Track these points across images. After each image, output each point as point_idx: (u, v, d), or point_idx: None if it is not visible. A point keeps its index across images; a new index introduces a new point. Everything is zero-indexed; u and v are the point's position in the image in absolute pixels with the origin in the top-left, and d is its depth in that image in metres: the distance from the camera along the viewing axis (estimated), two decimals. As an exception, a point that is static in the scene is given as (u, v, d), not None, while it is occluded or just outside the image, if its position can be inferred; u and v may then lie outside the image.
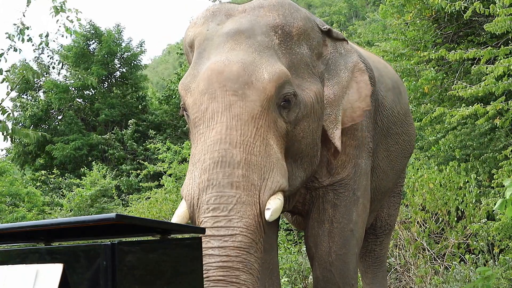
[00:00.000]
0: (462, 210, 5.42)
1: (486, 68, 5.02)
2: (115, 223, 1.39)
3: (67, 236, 1.73)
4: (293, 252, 5.73)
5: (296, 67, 2.49)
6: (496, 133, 6.56)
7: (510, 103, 5.16)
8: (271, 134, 2.32)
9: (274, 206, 2.18)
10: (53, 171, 13.06)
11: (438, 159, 7.11)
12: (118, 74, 16.97)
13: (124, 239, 1.77)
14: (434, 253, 5.22)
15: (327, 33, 2.70)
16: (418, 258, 5.19)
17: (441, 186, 5.51)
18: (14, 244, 1.84)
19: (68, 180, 12.48)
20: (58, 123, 15.91)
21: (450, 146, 6.88)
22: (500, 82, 4.97)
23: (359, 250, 2.97)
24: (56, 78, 15.91)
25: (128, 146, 14.84)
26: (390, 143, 3.34)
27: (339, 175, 2.79)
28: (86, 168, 12.22)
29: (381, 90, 3.19)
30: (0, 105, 4.64)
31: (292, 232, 6.93)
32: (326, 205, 2.79)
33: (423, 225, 5.39)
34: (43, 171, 13.60)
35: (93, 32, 16.42)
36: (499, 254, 5.16)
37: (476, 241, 5.23)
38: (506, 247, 5.07)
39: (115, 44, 16.41)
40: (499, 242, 5.08)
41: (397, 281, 5.31)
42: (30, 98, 16.00)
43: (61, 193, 12.29)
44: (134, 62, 16.93)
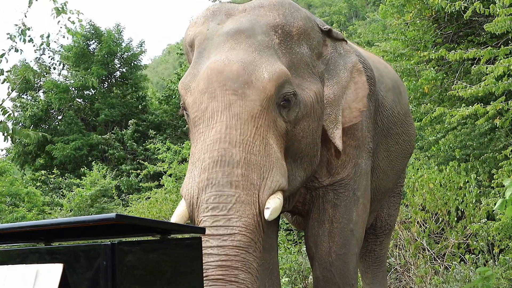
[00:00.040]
0: (462, 210, 5.42)
1: (486, 68, 5.02)
2: (115, 223, 1.38)
3: (67, 236, 1.73)
4: (293, 252, 5.73)
5: (296, 67, 2.49)
6: (496, 133, 6.56)
7: (510, 103, 5.16)
8: (271, 134, 2.31)
9: (274, 205, 2.17)
10: (53, 171, 13.06)
11: (438, 159, 7.11)
12: (118, 74, 16.97)
13: (124, 239, 1.77)
14: (434, 253, 5.22)
15: (327, 33, 2.70)
16: (418, 258, 5.19)
17: (441, 186, 5.51)
18: (14, 244, 1.84)
19: (68, 180, 12.48)
20: (58, 123, 15.91)
21: (450, 146, 6.88)
22: (500, 82, 4.97)
23: (359, 250, 2.97)
24: (56, 78, 15.92)
25: (128, 146, 14.84)
26: (390, 143, 3.34)
27: (339, 175, 2.79)
28: (86, 168, 12.22)
29: (381, 90, 3.19)
30: (0, 105, 4.63)
31: (292, 232, 6.93)
32: (326, 205, 2.79)
33: (423, 225, 5.39)
34: (43, 171, 13.59)
35: (93, 32, 16.42)
36: (499, 254, 5.16)
37: (476, 241, 5.23)
38: (506, 247, 5.07)
39: (115, 44, 16.41)
40: (499, 242, 5.08)
41: (397, 281, 5.31)
42: (30, 98, 15.99)
43: (61, 193, 12.29)
44: (134, 62, 16.94)
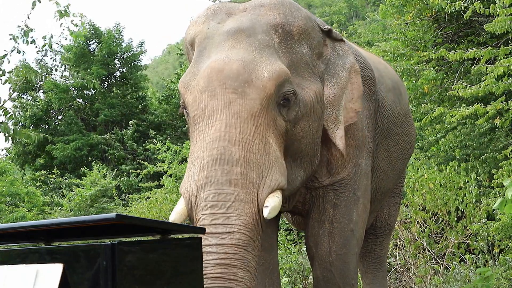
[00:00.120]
0: (462, 210, 5.41)
1: (486, 68, 5.02)
2: (115, 223, 1.39)
3: (67, 236, 1.73)
4: (293, 252, 5.72)
5: (296, 66, 2.49)
6: (496, 133, 6.56)
7: (510, 103, 5.16)
8: (270, 133, 2.31)
9: (273, 204, 2.17)
10: (53, 171, 13.07)
11: (438, 159, 7.11)
12: (118, 74, 16.97)
13: (124, 239, 1.77)
14: (434, 253, 5.22)
15: (328, 33, 2.71)
16: (418, 258, 5.18)
17: (441, 186, 5.51)
18: (14, 244, 1.84)
19: (68, 180, 12.48)
20: (58, 123, 15.91)
21: (450, 146, 6.88)
22: (500, 82, 4.97)
23: (359, 250, 2.97)
24: (56, 78, 15.92)
25: (128, 146, 14.84)
26: (390, 144, 3.33)
27: (339, 175, 2.78)
28: (86, 168, 12.22)
29: (381, 90, 3.19)
30: (2, 106, 4.63)
31: (292, 232, 6.93)
32: (327, 205, 2.79)
33: (423, 225, 5.39)
34: (43, 171, 13.60)
35: (93, 32, 16.42)
36: (499, 254, 5.16)
37: (476, 241, 5.22)
38: (506, 247, 5.07)
39: (115, 44, 16.41)
40: (499, 242, 5.08)
41: (397, 281, 5.31)
42: (30, 98, 16.00)
43: (61, 193, 12.29)
44: (134, 62, 16.94)
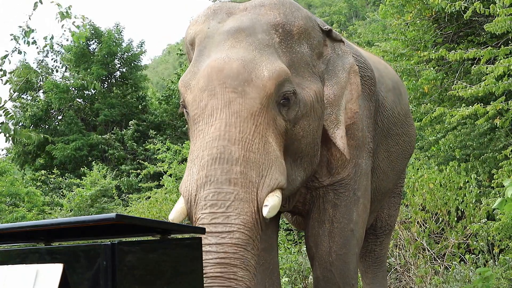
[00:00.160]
0: (462, 210, 5.41)
1: (486, 68, 5.02)
2: (115, 223, 1.39)
3: (67, 236, 1.73)
4: (293, 252, 5.72)
5: (296, 66, 2.49)
6: (496, 133, 6.55)
7: (510, 103, 5.16)
8: (270, 132, 2.31)
9: (272, 203, 2.17)
10: (53, 171, 13.06)
11: (438, 159, 7.11)
12: (118, 74, 16.97)
13: (124, 239, 1.77)
14: (434, 253, 5.22)
15: (328, 33, 2.71)
16: (418, 258, 5.18)
17: (441, 186, 5.51)
18: (14, 244, 1.84)
19: (68, 180, 12.47)
20: (58, 123, 15.91)
21: (450, 146, 6.88)
22: (500, 82, 4.97)
23: (360, 250, 2.97)
24: (56, 78, 15.91)
25: (128, 146, 14.84)
26: (391, 144, 3.33)
27: (340, 175, 2.78)
28: (86, 168, 12.22)
29: (381, 90, 3.19)
30: (3, 106, 4.63)
31: (292, 232, 6.93)
32: (327, 205, 2.79)
33: (423, 225, 5.39)
34: (43, 171, 13.60)
35: (93, 32, 16.42)
36: (499, 254, 5.16)
37: (476, 241, 5.22)
38: (506, 247, 5.07)
39: (115, 44, 16.41)
40: (499, 242, 5.08)
41: (397, 281, 5.31)
42: (30, 98, 16.00)
43: (61, 193, 12.29)
44: (134, 63, 16.93)
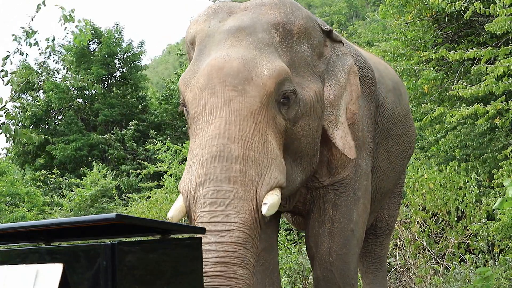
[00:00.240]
0: (462, 210, 5.41)
1: (486, 68, 5.02)
2: (115, 223, 1.39)
3: (67, 236, 1.73)
4: (293, 252, 5.73)
5: (296, 65, 2.49)
6: (496, 133, 6.55)
7: (510, 103, 5.16)
8: (270, 130, 2.31)
9: (271, 201, 2.17)
10: (53, 171, 13.07)
11: (438, 159, 7.11)
12: (118, 74, 16.97)
13: (124, 239, 1.77)
14: (434, 253, 5.22)
15: (328, 33, 2.71)
16: (418, 258, 5.18)
17: (441, 186, 5.51)
18: (14, 244, 1.84)
19: (68, 180, 12.48)
20: (58, 123, 15.92)
21: (450, 146, 6.88)
22: (500, 82, 4.97)
23: (360, 250, 2.97)
24: (57, 79, 15.91)
25: (128, 146, 14.84)
26: (391, 144, 3.33)
27: (340, 175, 2.78)
28: (86, 168, 12.22)
29: (381, 91, 3.19)
30: (4, 107, 4.63)
31: (292, 232, 6.93)
32: (327, 205, 2.79)
33: (423, 225, 5.39)
34: (43, 171, 13.60)
35: (93, 32, 16.41)
36: (499, 254, 5.16)
37: (476, 241, 5.22)
38: (506, 247, 5.07)
39: (115, 44, 16.41)
40: (499, 242, 5.08)
41: (397, 281, 5.31)
42: (30, 98, 16.00)
43: (61, 193, 12.30)
44: (134, 63, 16.93)
